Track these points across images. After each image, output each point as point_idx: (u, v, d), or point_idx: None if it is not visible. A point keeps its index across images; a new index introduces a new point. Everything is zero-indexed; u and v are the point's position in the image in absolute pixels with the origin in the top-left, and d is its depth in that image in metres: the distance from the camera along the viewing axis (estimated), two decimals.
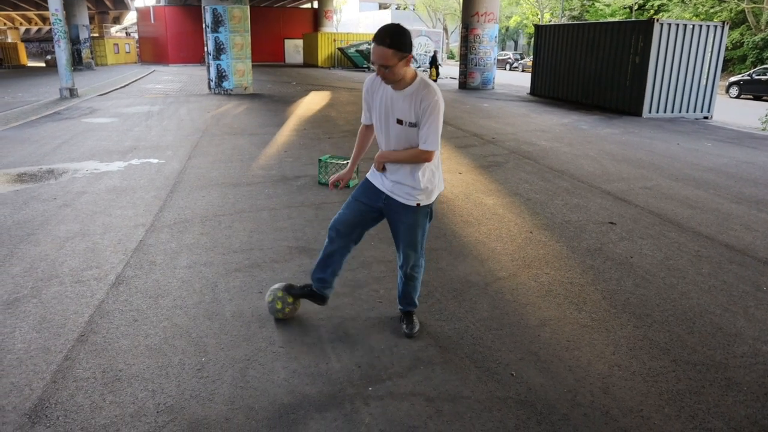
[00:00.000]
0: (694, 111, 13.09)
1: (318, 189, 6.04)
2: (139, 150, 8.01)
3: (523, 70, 35.20)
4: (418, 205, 2.77)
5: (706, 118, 13.09)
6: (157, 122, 10.87)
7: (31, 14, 46.74)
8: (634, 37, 12.87)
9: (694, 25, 12.59)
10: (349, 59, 33.44)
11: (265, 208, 5.34)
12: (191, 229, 4.69)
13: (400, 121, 2.63)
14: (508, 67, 38.18)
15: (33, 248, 4.20)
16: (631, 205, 5.68)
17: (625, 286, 3.77)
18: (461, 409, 2.44)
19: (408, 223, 2.82)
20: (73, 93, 14.97)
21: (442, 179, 2.89)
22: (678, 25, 12.46)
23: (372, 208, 2.88)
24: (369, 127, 2.96)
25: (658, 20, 12.38)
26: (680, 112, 13.00)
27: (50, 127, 10.09)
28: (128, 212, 5.12)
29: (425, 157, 2.64)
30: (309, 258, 4.09)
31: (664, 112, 12.90)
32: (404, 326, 3.09)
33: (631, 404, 2.52)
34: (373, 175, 2.88)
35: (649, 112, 12.78)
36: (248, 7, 16.23)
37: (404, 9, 57.37)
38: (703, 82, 12.94)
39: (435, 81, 21.60)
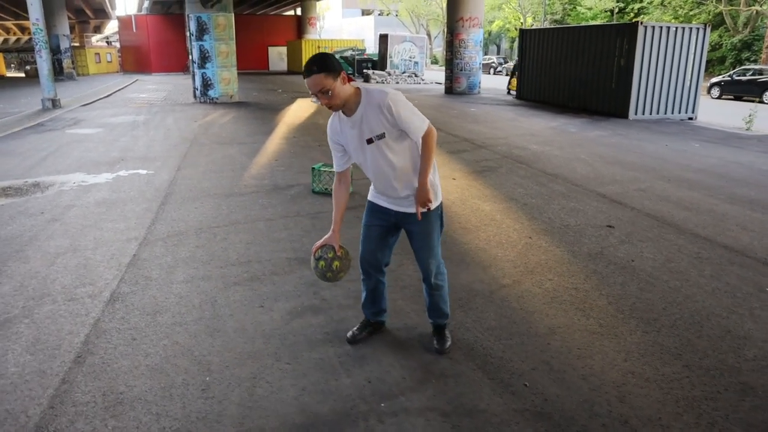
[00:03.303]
0: (679, 112, 13.22)
1: (313, 198, 5.95)
2: (127, 161, 7.87)
3: (506, 74, 35.41)
4: (429, 209, 2.65)
5: (690, 119, 13.23)
6: (143, 132, 10.70)
7: (9, 24, 46.05)
8: (618, 40, 12.98)
9: (677, 28, 12.74)
10: None
11: (260, 218, 5.24)
12: (186, 242, 4.58)
13: (369, 140, 2.52)
14: (492, 71, 38.41)
15: (22, 265, 4.06)
16: (627, 208, 5.67)
17: (630, 291, 3.74)
18: (480, 424, 2.38)
19: (422, 230, 2.75)
20: (55, 103, 14.72)
21: (437, 174, 2.79)
22: (662, 27, 12.61)
23: (387, 225, 2.82)
24: (343, 178, 2.80)
25: (642, 23, 12.51)
26: (665, 113, 13.12)
27: (34, 138, 9.88)
28: (119, 225, 4.99)
29: (431, 140, 2.53)
30: (309, 270, 4.00)
31: (650, 113, 13.01)
32: (435, 342, 2.98)
33: (649, 413, 2.48)
34: (376, 197, 2.81)
35: (635, 113, 12.88)
36: (233, 15, 16.11)
37: (387, 15, 57.55)
38: (687, 83, 13.09)
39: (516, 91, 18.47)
